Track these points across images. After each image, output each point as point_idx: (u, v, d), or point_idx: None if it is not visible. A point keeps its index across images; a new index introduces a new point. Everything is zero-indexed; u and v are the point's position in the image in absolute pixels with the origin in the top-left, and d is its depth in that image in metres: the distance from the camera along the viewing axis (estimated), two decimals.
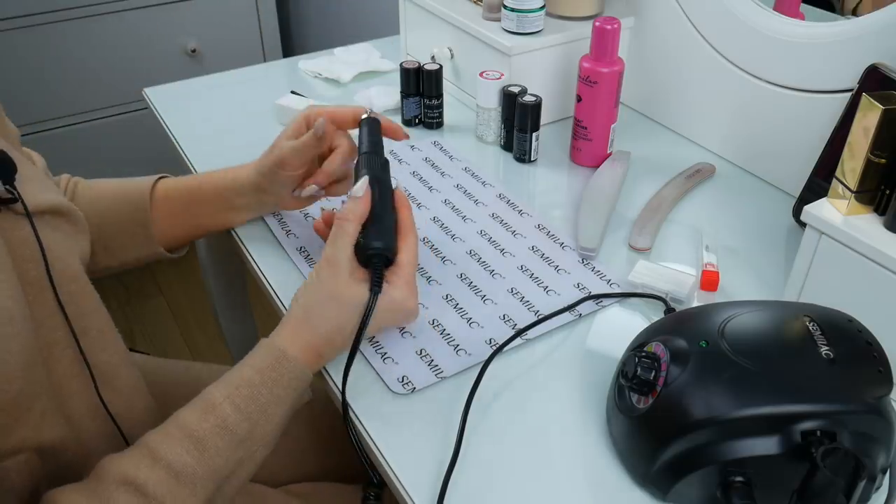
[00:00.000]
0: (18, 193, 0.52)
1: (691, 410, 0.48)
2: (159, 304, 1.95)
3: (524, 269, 0.73)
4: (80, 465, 0.55)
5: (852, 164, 0.59)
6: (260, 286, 0.74)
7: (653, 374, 0.50)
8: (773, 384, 0.47)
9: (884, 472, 0.49)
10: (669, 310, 0.65)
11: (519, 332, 0.64)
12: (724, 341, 0.50)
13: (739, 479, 0.46)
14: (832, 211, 0.60)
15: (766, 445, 0.46)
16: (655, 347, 0.52)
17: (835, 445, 0.45)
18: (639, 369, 0.51)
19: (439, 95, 0.95)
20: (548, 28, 0.92)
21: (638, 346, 0.54)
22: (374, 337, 0.65)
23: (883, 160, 0.57)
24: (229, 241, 0.80)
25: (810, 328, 0.50)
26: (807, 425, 0.46)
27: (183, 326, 1.89)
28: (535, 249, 0.75)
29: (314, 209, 0.81)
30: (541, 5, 0.89)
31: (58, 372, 0.54)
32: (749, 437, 0.46)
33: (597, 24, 0.82)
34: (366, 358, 0.63)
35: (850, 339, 0.50)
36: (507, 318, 0.67)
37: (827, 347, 0.49)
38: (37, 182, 0.57)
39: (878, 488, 0.50)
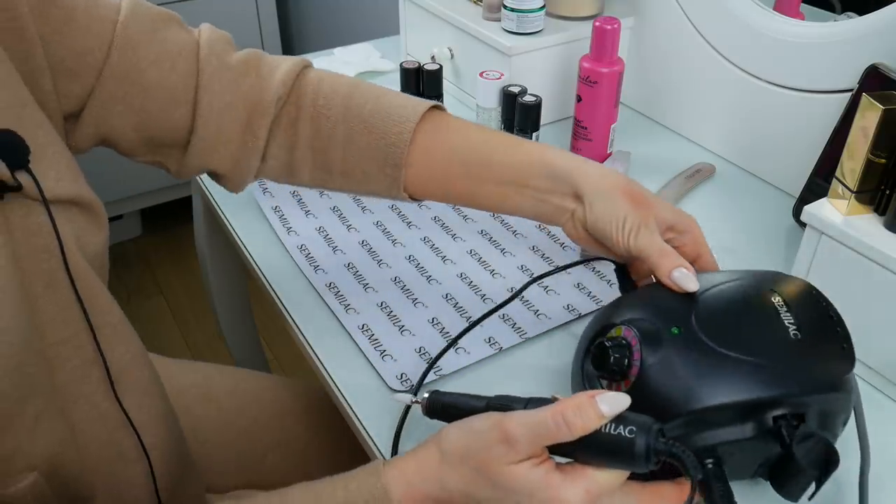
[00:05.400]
0: (35, 177, 0.47)
1: (667, 400, 0.47)
2: (159, 304, 1.95)
3: (524, 268, 0.73)
4: (84, 480, 0.51)
5: (852, 164, 0.59)
6: (260, 286, 0.74)
7: (626, 362, 0.49)
8: (745, 372, 0.47)
9: (843, 425, 0.50)
10: (620, 267, 0.61)
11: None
12: (697, 325, 0.49)
13: (711, 461, 0.46)
14: (832, 211, 0.60)
15: (739, 431, 0.46)
16: (625, 332, 0.51)
17: (808, 431, 0.45)
18: (612, 358, 0.49)
19: (439, 95, 0.95)
20: (548, 28, 0.92)
21: (603, 328, 0.53)
22: (373, 333, 0.65)
23: (883, 160, 0.57)
24: (229, 241, 0.80)
25: (776, 304, 0.50)
26: (778, 411, 0.46)
27: (183, 326, 1.89)
28: (535, 249, 0.75)
29: (315, 207, 0.81)
30: (541, 5, 0.89)
31: (63, 372, 0.50)
32: (723, 424, 0.46)
33: (597, 24, 0.82)
34: (364, 355, 0.63)
35: (815, 314, 0.50)
36: (506, 318, 0.67)
37: (794, 327, 0.49)
38: (58, 167, 0.50)
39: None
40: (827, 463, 0.46)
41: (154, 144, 0.59)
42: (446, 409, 0.51)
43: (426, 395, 0.51)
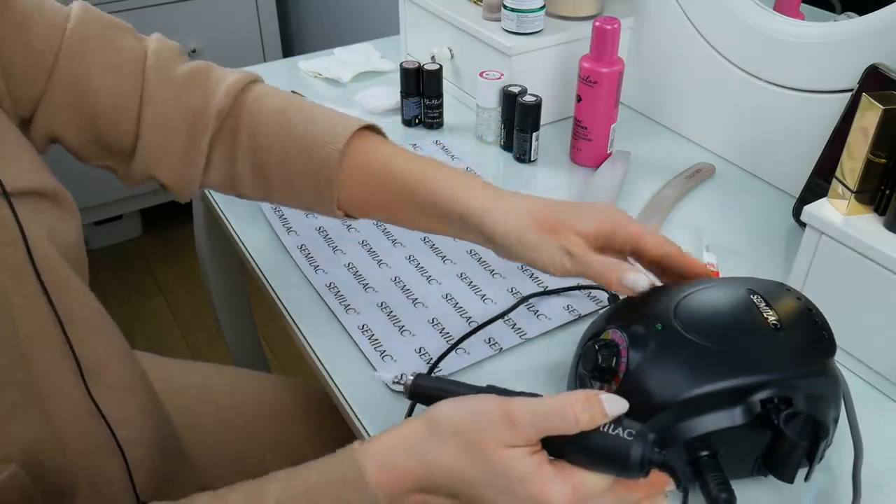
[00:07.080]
0: None
1: (655, 393, 0.48)
2: (159, 304, 1.95)
3: (524, 268, 0.73)
4: (65, 473, 0.51)
5: (852, 164, 0.59)
6: (260, 286, 0.74)
7: (614, 361, 0.51)
8: (729, 359, 0.49)
9: (834, 423, 0.51)
10: (612, 296, 0.64)
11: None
12: (678, 322, 0.50)
13: (706, 452, 0.47)
14: (832, 211, 0.60)
15: (728, 418, 0.47)
16: (612, 334, 0.52)
17: (795, 410, 0.46)
18: (600, 358, 0.51)
19: (439, 95, 0.95)
20: (548, 28, 0.92)
21: (594, 336, 0.54)
22: (373, 334, 0.65)
23: (883, 160, 0.57)
24: (229, 241, 0.80)
25: (755, 300, 0.52)
26: (764, 394, 0.47)
27: (183, 326, 1.89)
28: None
29: None
30: (541, 5, 0.89)
31: (39, 366, 0.49)
32: (712, 412, 0.47)
33: (597, 24, 0.82)
34: (365, 355, 0.63)
35: (792, 307, 0.52)
36: (506, 318, 0.67)
37: (774, 318, 0.50)
38: (19, 160, 0.51)
39: (828, 445, 0.51)
40: (816, 436, 0.47)
41: (101, 148, 0.60)
42: (432, 393, 0.49)
43: (410, 377, 0.49)
